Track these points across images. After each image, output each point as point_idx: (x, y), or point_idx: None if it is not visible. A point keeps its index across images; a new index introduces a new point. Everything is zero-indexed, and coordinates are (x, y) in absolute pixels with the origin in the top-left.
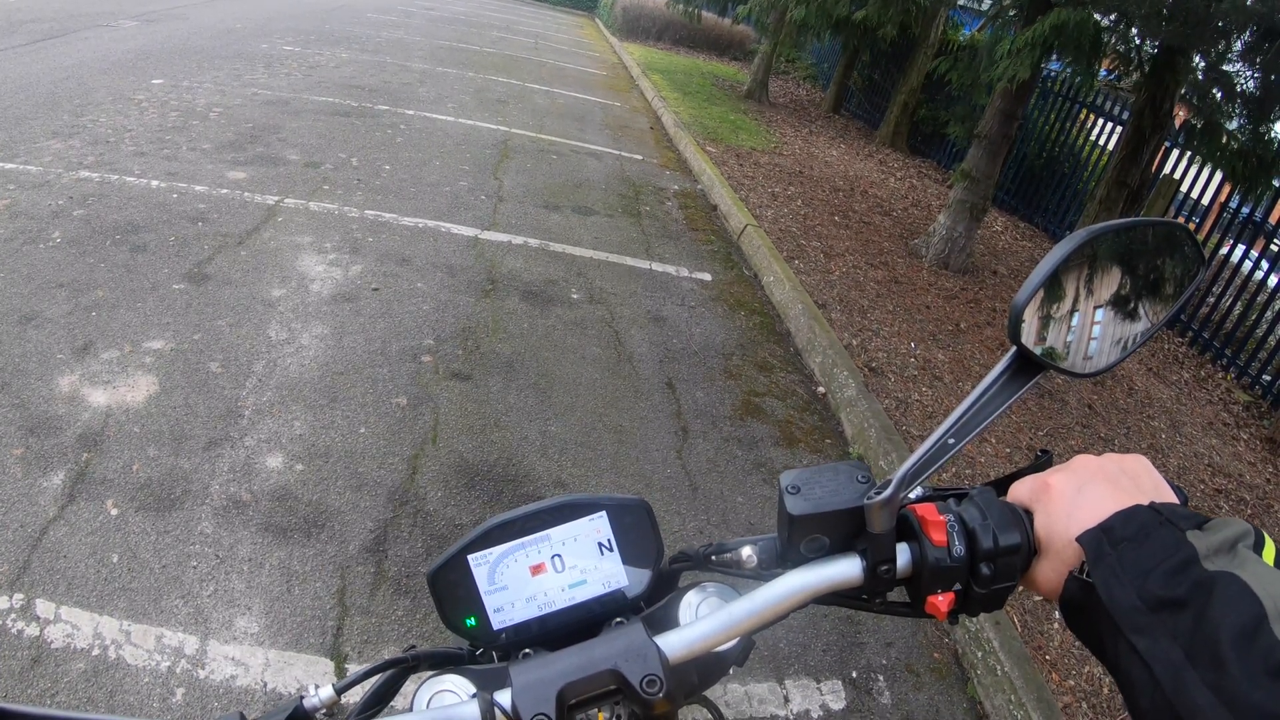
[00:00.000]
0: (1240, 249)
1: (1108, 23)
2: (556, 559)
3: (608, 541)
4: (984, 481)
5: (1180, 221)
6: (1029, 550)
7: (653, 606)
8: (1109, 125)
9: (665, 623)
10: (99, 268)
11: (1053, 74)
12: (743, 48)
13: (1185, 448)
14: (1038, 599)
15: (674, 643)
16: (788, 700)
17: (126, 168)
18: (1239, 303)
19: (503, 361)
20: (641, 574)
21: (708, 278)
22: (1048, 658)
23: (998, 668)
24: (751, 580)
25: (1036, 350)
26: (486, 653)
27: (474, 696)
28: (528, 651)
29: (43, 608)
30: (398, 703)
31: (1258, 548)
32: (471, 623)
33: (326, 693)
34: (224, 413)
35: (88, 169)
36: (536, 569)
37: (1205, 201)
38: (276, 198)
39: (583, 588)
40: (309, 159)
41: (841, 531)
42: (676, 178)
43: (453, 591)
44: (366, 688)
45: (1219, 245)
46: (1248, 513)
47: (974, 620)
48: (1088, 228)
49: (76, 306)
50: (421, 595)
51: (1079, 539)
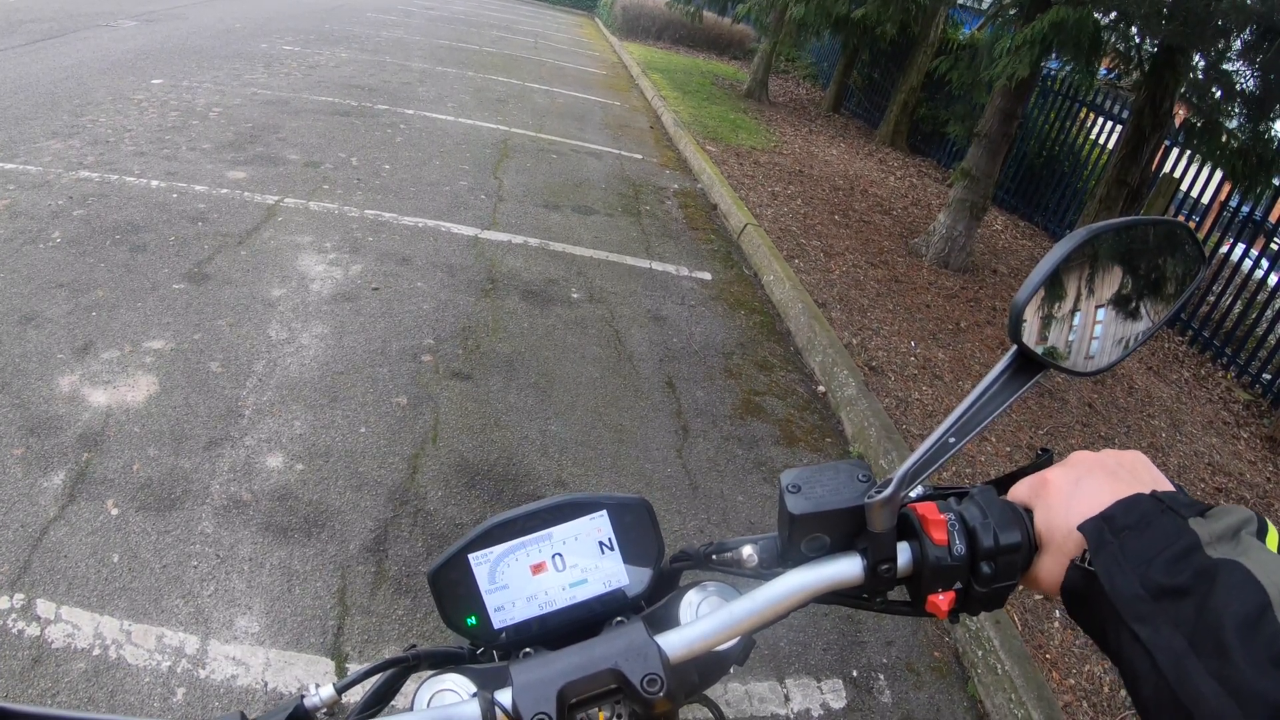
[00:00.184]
0: (1240, 248)
1: (1107, 21)
2: (557, 558)
3: (608, 540)
4: (984, 480)
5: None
6: (1030, 548)
7: (653, 606)
8: (1109, 124)
9: (666, 622)
10: (99, 268)
11: (1052, 73)
12: (742, 47)
13: (1185, 446)
14: (1038, 598)
15: (674, 642)
16: (788, 699)
17: (126, 168)
18: (1239, 301)
19: (503, 361)
20: (642, 573)
21: (708, 277)
22: (1048, 656)
23: (998, 666)
24: (752, 579)
25: (1037, 349)
26: (487, 652)
27: (474, 696)
28: (528, 651)
29: (43, 608)
30: (398, 702)
31: (1260, 535)
32: (472, 622)
33: (327, 692)
34: (224, 412)
35: (87, 169)
36: (537, 568)
37: (1205, 200)
38: (276, 197)
39: (583, 587)
40: (309, 158)
41: (842, 530)
42: (676, 177)
43: (453, 590)
44: (367, 687)
45: (1219, 244)
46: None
47: (974, 619)
48: (1088, 226)
49: (76, 306)
50: (422, 595)
51: (1080, 527)
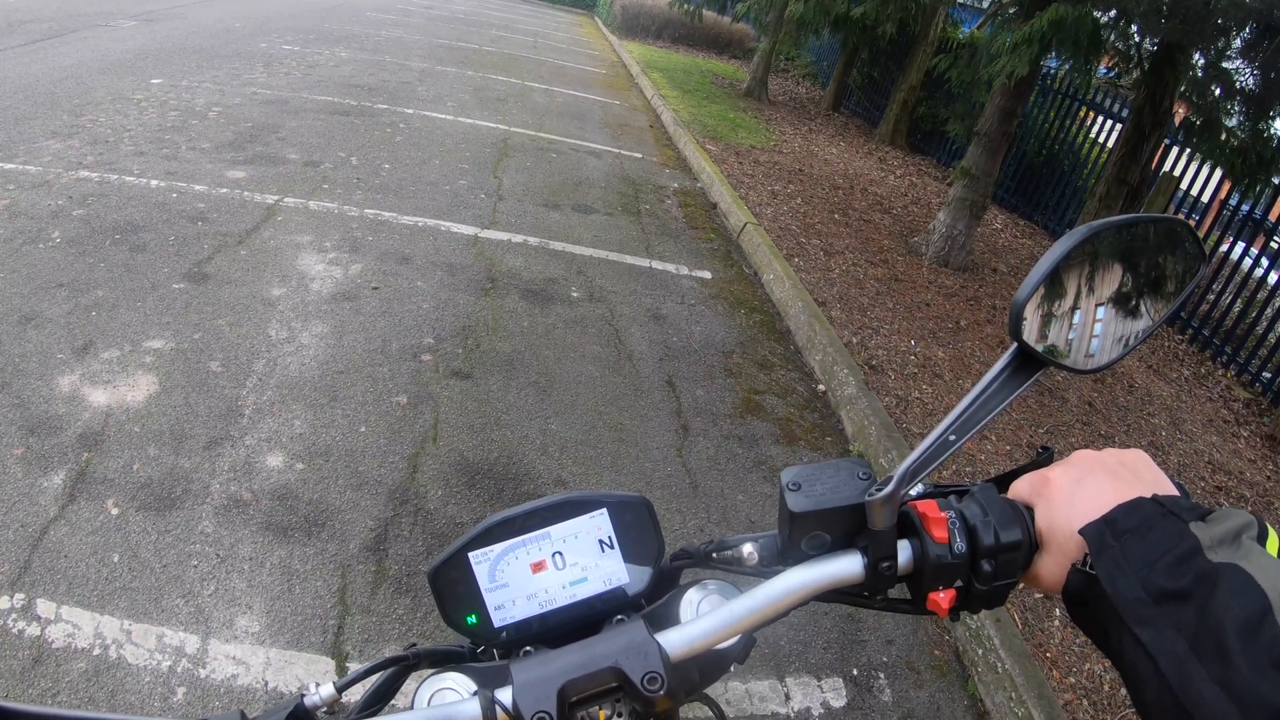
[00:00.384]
0: (1240, 246)
1: (1106, 19)
2: (557, 556)
3: (608, 539)
4: (985, 478)
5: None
6: (1030, 546)
7: (654, 604)
8: (1109, 122)
9: (666, 620)
10: (99, 267)
11: (1052, 71)
12: (742, 46)
13: (1185, 445)
14: (1039, 596)
15: (675, 640)
16: (789, 698)
17: (126, 167)
18: (1239, 300)
19: (503, 360)
20: (642, 571)
21: (708, 276)
22: (1048, 655)
23: (998, 665)
24: (752, 577)
25: (1037, 347)
26: (487, 650)
27: (475, 694)
28: (528, 649)
29: (44, 607)
30: (399, 701)
31: (1261, 539)
32: (472, 620)
33: (327, 691)
34: (224, 412)
35: (87, 169)
36: (537, 566)
37: (1205, 199)
38: (276, 197)
39: (583, 585)
40: (308, 158)
41: (842, 528)
42: (676, 176)
43: (453, 589)
44: (367, 686)
45: (1219, 242)
46: (1248, 510)
47: (975, 618)
48: (1088, 224)
49: (76, 306)
50: (422, 594)
51: (1081, 531)
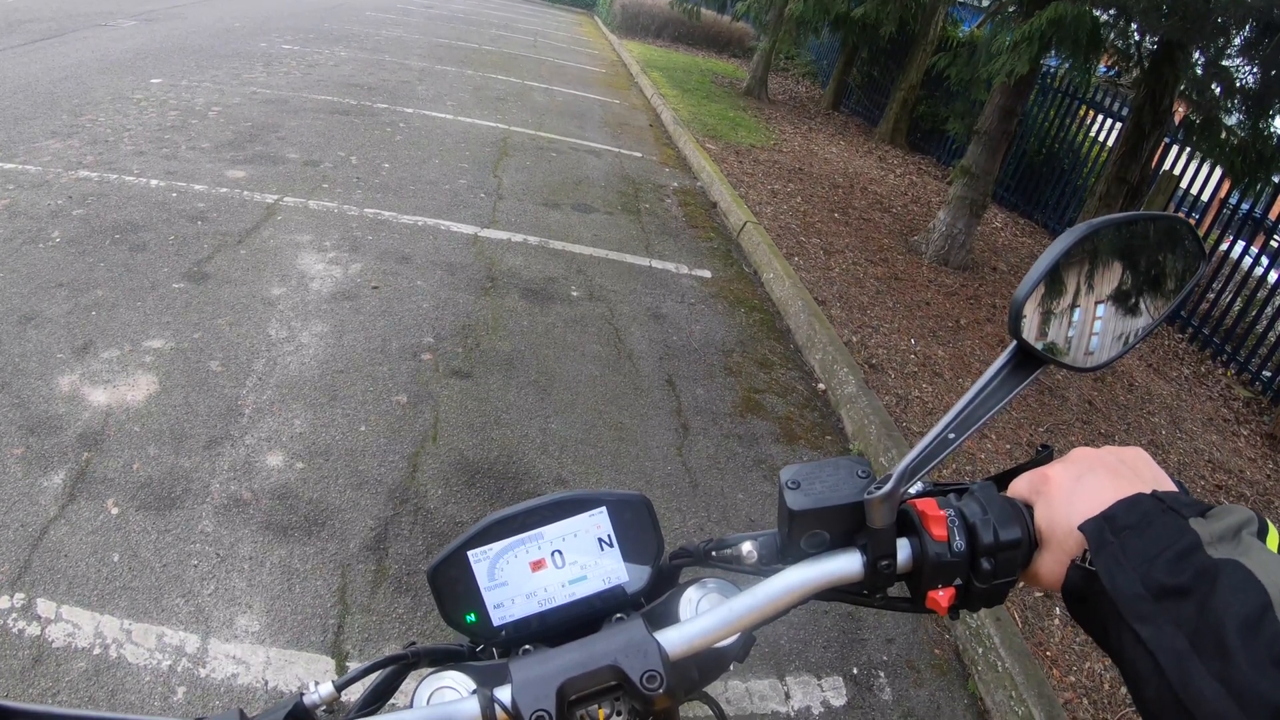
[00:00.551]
0: (1240, 245)
1: (1106, 18)
2: (556, 555)
3: (608, 537)
4: (984, 477)
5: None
6: (1030, 544)
7: (653, 602)
8: (1109, 121)
9: (665, 618)
10: (98, 267)
11: (1052, 70)
12: (742, 45)
13: (1185, 444)
14: (1039, 595)
15: (674, 638)
16: (789, 697)
17: (125, 167)
18: (1239, 299)
19: (503, 359)
20: (641, 570)
21: (707, 275)
22: (1048, 654)
23: (998, 664)
24: (752, 576)
25: (1037, 345)
26: (487, 649)
27: (474, 693)
28: (528, 648)
29: (44, 607)
30: (398, 700)
31: (1261, 535)
32: (471, 619)
33: (326, 690)
34: (224, 411)
35: (87, 168)
36: (536, 565)
37: (1205, 197)
38: (276, 196)
39: (583, 583)
40: (308, 157)
41: (842, 527)
42: (676, 175)
43: (452, 588)
44: (366, 684)
45: (1219, 241)
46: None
47: (975, 616)
48: (1087, 222)
49: (76, 306)
50: (422, 593)
51: (1081, 527)
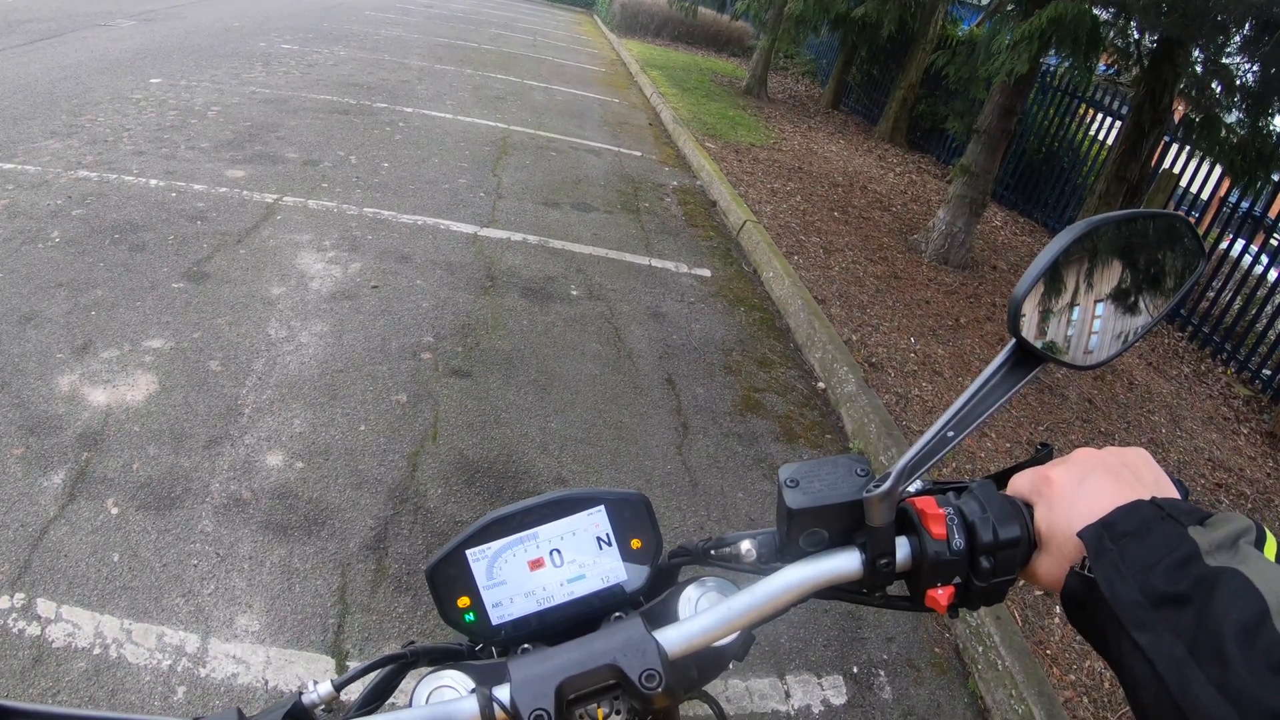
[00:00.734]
0: (1240, 243)
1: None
2: (555, 554)
3: (606, 536)
4: (984, 475)
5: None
6: (1029, 543)
7: (652, 601)
8: (1108, 119)
9: (664, 617)
10: (98, 267)
11: (1052, 68)
12: (741, 44)
13: (1185, 442)
14: (1039, 593)
15: (673, 637)
16: (789, 695)
17: (125, 167)
18: (1239, 297)
19: (502, 358)
20: (640, 569)
21: (707, 274)
22: (1049, 652)
23: (999, 662)
24: (751, 575)
25: (1036, 343)
26: (486, 648)
27: (473, 692)
28: (526, 647)
29: (44, 607)
30: (397, 699)
31: (1259, 543)
32: (470, 618)
33: (325, 689)
34: (224, 411)
35: (86, 168)
36: (535, 564)
37: (1205, 196)
38: (275, 196)
39: (581, 583)
40: (307, 157)
41: (841, 525)
42: (675, 174)
43: (451, 587)
44: (365, 684)
45: (1219, 240)
46: (1248, 507)
47: (975, 615)
48: (1087, 220)
49: (76, 306)
50: (422, 592)
51: (1080, 533)
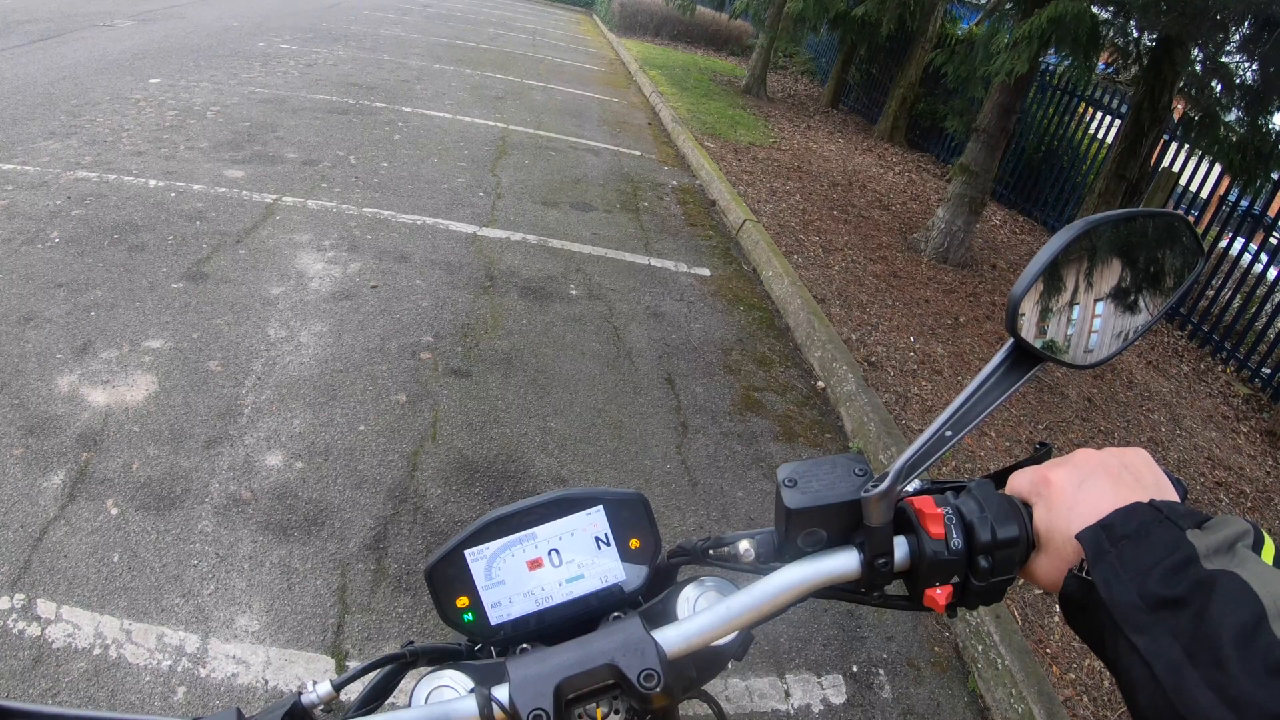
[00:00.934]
0: (1240, 242)
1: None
2: (554, 554)
3: (605, 536)
4: (983, 474)
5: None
6: (1028, 543)
7: (651, 601)
8: (1108, 118)
9: (663, 617)
10: (97, 267)
11: (1051, 67)
12: (740, 42)
13: (1185, 441)
14: (1038, 592)
15: (672, 637)
16: (789, 695)
17: (124, 167)
18: (1238, 296)
19: (502, 358)
20: (639, 569)
21: (706, 273)
22: (1048, 651)
23: (999, 661)
24: (750, 574)
25: (1035, 342)
26: (485, 648)
27: (472, 692)
28: (525, 646)
29: (44, 607)
30: (396, 699)
31: (1257, 547)
32: (469, 618)
33: (324, 689)
34: (223, 411)
35: (85, 169)
36: (534, 564)
37: (1204, 194)
38: (274, 196)
39: (580, 582)
40: (307, 157)
41: (839, 525)
42: (675, 173)
43: (450, 587)
44: (365, 683)
45: (1218, 238)
46: (1248, 505)
47: (974, 614)
48: (1085, 219)
49: (75, 306)
50: (422, 592)
51: (1078, 536)
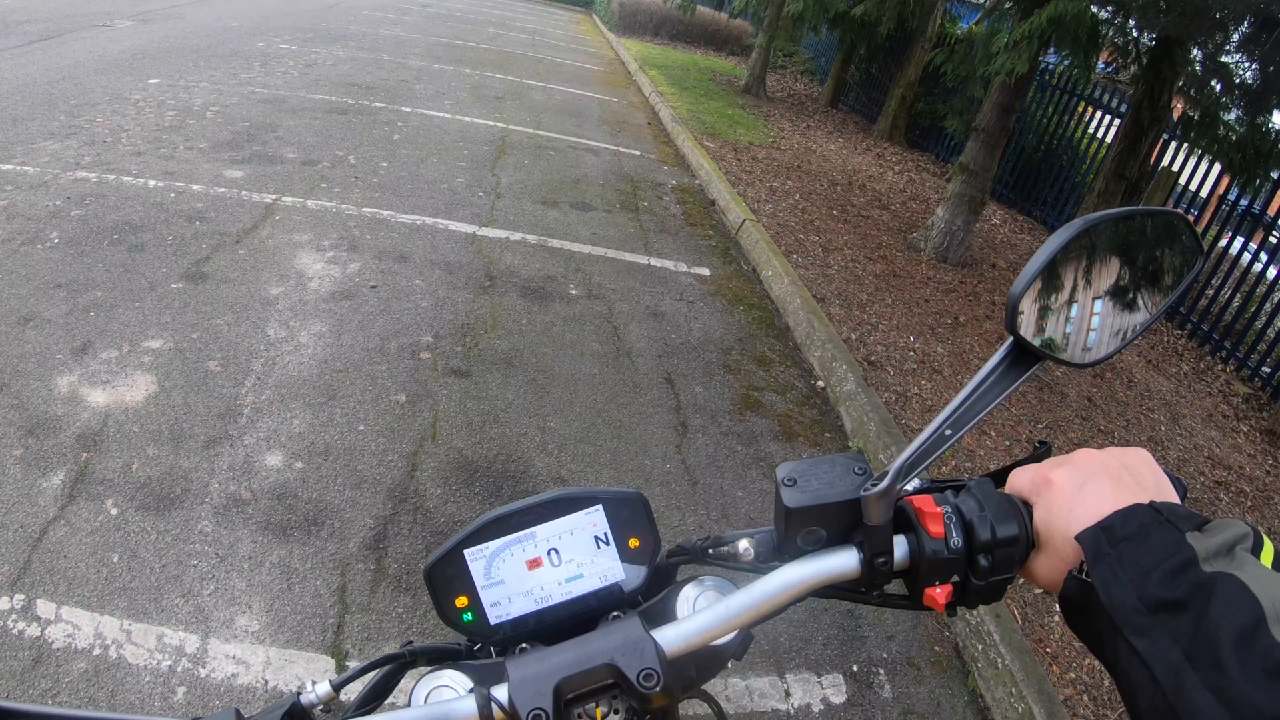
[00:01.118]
0: (1239, 241)
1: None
2: (553, 553)
3: (604, 535)
4: (983, 473)
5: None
6: (1027, 542)
7: (650, 600)
8: (1107, 118)
9: (662, 617)
10: (97, 268)
11: (1050, 67)
12: (740, 42)
13: (1185, 440)
14: (1038, 591)
15: (671, 636)
16: (789, 694)
17: (124, 167)
18: (1238, 295)
19: (501, 358)
20: (638, 568)
21: (706, 273)
22: (1048, 650)
23: (999, 660)
24: (749, 574)
25: (1034, 340)
26: (484, 648)
27: (471, 691)
28: (525, 646)
29: (43, 608)
30: (396, 698)
31: (1256, 550)
32: (468, 618)
33: (324, 689)
34: (223, 411)
35: (85, 169)
36: (533, 563)
37: (1204, 193)
38: (274, 196)
39: (579, 582)
40: (306, 157)
41: (839, 524)
42: (674, 173)
43: (449, 586)
44: (364, 683)
45: (1218, 237)
46: (1247, 505)
47: (974, 613)
48: (1084, 217)
49: (75, 307)
50: (421, 592)
51: (1078, 537)
